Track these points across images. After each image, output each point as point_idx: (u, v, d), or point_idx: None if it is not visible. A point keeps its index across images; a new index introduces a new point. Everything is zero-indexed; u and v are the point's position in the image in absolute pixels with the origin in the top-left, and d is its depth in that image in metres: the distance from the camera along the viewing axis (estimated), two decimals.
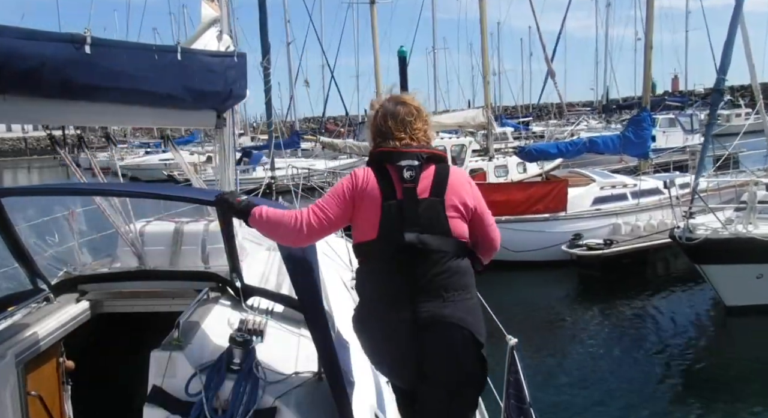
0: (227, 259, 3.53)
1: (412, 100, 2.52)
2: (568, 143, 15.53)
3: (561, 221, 12.86)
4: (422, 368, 2.31)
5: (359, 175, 2.37)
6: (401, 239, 2.26)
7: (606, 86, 45.67)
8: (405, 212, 2.28)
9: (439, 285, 2.28)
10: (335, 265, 5.05)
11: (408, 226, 2.27)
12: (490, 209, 2.65)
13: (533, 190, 13.41)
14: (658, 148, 22.88)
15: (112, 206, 4.09)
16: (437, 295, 2.28)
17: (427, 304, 2.26)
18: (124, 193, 3.73)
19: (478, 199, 2.46)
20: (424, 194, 2.31)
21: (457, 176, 2.41)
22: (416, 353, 2.29)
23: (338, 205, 2.32)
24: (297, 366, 2.81)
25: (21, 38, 2.58)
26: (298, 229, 2.27)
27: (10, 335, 2.96)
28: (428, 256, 2.28)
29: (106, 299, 3.60)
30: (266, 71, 7.94)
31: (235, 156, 5.62)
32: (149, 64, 3.33)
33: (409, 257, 2.27)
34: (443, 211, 2.32)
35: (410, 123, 2.43)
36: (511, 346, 2.98)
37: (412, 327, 2.26)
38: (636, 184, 13.79)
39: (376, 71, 22.39)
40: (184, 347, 2.68)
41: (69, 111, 3.12)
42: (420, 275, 2.28)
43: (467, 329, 2.30)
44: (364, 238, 2.35)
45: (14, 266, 3.41)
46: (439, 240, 2.30)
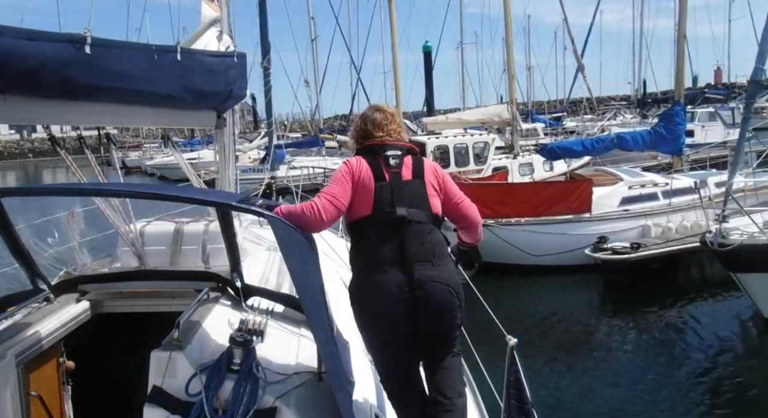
0: (227, 259, 3.53)
1: (388, 107, 3.07)
2: (594, 140, 14.66)
3: (585, 222, 12.05)
4: (416, 322, 2.66)
5: (353, 162, 2.78)
6: (393, 213, 2.68)
7: (643, 79, 43.78)
8: (394, 191, 2.71)
9: (428, 252, 2.70)
10: (335, 265, 5.05)
11: (398, 202, 2.70)
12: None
13: (555, 190, 12.68)
14: (695, 143, 21.23)
15: (112, 206, 4.09)
16: (426, 260, 2.68)
17: (419, 267, 2.65)
18: (124, 194, 3.73)
19: (445, 179, 2.90)
20: (407, 177, 2.77)
21: (429, 164, 2.90)
22: (411, 307, 2.64)
23: (344, 189, 2.70)
24: (297, 366, 2.81)
25: (21, 38, 2.58)
26: (318, 217, 2.60)
27: (10, 335, 2.96)
28: (414, 227, 2.69)
29: (107, 299, 3.60)
30: (266, 71, 7.93)
31: (235, 156, 5.62)
32: (149, 64, 3.33)
33: (399, 228, 2.68)
34: (425, 190, 2.78)
35: (386, 125, 2.92)
36: (510, 346, 2.98)
37: (408, 287, 2.63)
38: (668, 182, 12.85)
39: (395, 68, 21.43)
40: (184, 347, 2.68)
41: (69, 111, 3.13)
42: (410, 243, 2.68)
43: (452, 288, 2.71)
44: (360, 215, 2.72)
45: (14, 266, 3.41)
46: (423, 214, 2.74)
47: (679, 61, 14.87)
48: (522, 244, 11.65)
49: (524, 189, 13.51)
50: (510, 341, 3.00)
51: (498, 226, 11.68)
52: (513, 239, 11.68)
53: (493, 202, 11.88)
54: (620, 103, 47.19)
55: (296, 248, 2.60)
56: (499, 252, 11.55)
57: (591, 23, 27.31)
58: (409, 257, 2.66)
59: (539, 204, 12.00)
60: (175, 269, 3.90)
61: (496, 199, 12.10)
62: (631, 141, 13.81)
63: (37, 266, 3.41)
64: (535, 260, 11.52)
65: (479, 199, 12.50)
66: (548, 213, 11.95)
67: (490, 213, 11.58)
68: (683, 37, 14.60)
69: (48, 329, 3.15)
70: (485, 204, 11.52)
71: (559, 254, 11.67)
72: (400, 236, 2.67)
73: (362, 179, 2.72)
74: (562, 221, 11.96)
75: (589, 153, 15.02)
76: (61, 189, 3.80)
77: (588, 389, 7.40)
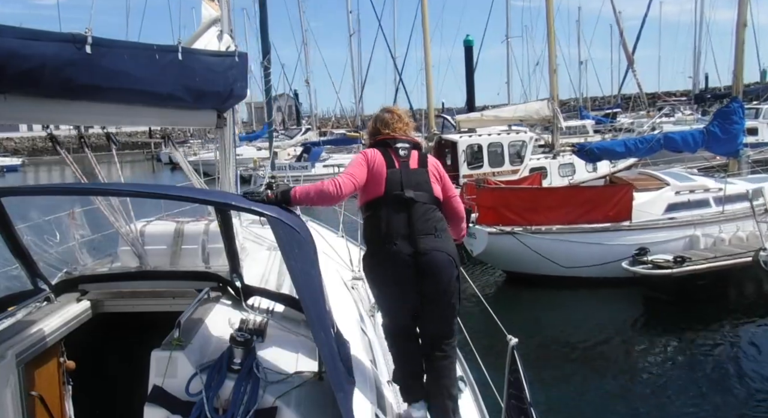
0: (227, 259, 3.53)
1: (397, 109, 3.57)
2: (639, 140, 13.10)
3: (624, 231, 10.78)
4: (420, 284, 3.10)
5: (368, 152, 3.30)
6: (402, 194, 3.15)
7: (705, 74, 41.34)
8: (403, 176, 3.19)
9: (431, 226, 3.15)
10: (335, 265, 5.05)
11: (406, 186, 3.17)
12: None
13: (590, 195, 11.52)
14: (760, 142, 19.61)
15: (113, 206, 4.09)
16: (429, 233, 3.13)
17: (424, 239, 3.11)
18: (124, 193, 3.73)
19: (442, 174, 3.38)
20: (413, 166, 3.26)
21: (431, 159, 3.40)
22: (415, 273, 3.08)
23: (361, 170, 3.19)
24: (297, 366, 2.81)
25: (22, 38, 2.58)
26: (338, 190, 3.08)
27: (10, 334, 2.96)
28: (420, 206, 3.16)
29: (107, 298, 3.60)
30: (266, 71, 7.92)
31: (235, 156, 5.62)
32: (150, 63, 3.33)
33: (407, 207, 3.14)
34: (428, 177, 3.27)
35: (392, 123, 3.40)
36: (511, 346, 2.98)
37: (414, 255, 3.08)
38: (721, 188, 11.32)
39: (426, 63, 20.27)
40: (184, 347, 2.68)
41: (70, 111, 3.13)
42: (416, 220, 3.13)
43: (451, 256, 3.16)
44: (374, 195, 3.19)
45: (15, 266, 3.41)
46: (426, 196, 3.21)
47: (738, 53, 13.13)
48: (553, 254, 10.74)
49: (556, 194, 12.42)
50: (510, 341, 3.00)
51: (526, 234, 10.83)
52: (543, 249, 10.77)
53: (521, 208, 11.14)
54: (679, 99, 43.17)
55: (296, 248, 2.61)
56: (528, 262, 10.94)
57: (645, 15, 25.80)
58: (416, 231, 3.11)
59: (573, 211, 10.93)
60: (175, 269, 3.90)
61: (525, 205, 11.24)
62: (680, 141, 12.49)
63: (37, 266, 3.41)
64: (567, 271, 10.54)
65: (506, 204, 11.53)
66: (583, 221, 10.85)
67: (518, 220, 10.95)
68: (743, 25, 12.91)
69: (48, 329, 3.15)
70: (513, 210, 11.07)
71: (593, 266, 10.53)
72: (407, 214, 3.13)
73: (376, 166, 3.20)
74: (598, 229, 10.79)
75: (633, 154, 13.52)
76: (61, 189, 3.80)
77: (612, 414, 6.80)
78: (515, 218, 10.92)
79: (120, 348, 3.54)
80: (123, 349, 3.46)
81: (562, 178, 16.95)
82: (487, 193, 11.65)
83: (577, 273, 10.60)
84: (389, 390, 3.37)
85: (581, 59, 51.73)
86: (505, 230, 10.78)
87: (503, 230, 10.80)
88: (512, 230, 10.74)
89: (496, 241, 10.84)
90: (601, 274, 10.51)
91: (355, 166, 3.21)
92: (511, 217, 10.97)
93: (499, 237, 10.82)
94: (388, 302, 3.29)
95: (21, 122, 3.61)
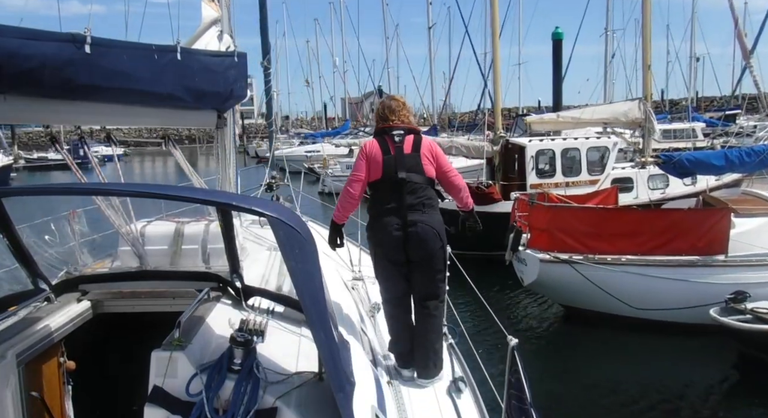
0: (227, 259, 3.53)
1: (401, 98, 4.02)
2: (746, 152, 10.33)
3: (716, 268, 8.53)
4: (407, 251, 3.65)
5: (366, 144, 3.80)
6: (396, 176, 3.65)
7: None
8: (397, 160, 3.67)
9: (419, 203, 3.66)
10: (335, 265, 5.05)
11: (400, 169, 3.66)
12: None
13: (675, 220, 9.15)
14: None
15: (113, 206, 4.09)
16: (417, 209, 3.65)
17: (412, 213, 3.64)
18: (124, 193, 3.72)
19: (437, 154, 3.82)
20: (407, 151, 3.71)
21: (426, 141, 3.82)
22: (404, 241, 3.64)
23: (361, 165, 3.74)
24: (298, 366, 2.80)
25: (21, 38, 2.58)
26: (353, 193, 3.74)
27: (11, 334, 2.96)
28: (411, 186, 3.65)
29: (107, 299, 3.60)
30: (266, 71, 7.90)
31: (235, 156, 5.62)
32: (149, 64, 3.33)
33: (400, 187, 3.65)
34: (420, 160, 3.70)
35: (398, 110, 3.85)
36: (511, 346, 2.97)
37: (403, 226, 3.63)
38: None
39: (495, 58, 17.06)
40: (184, 347, 2.68)
41: (69, 111, 3.12)
42: (407, 197, 3.64)
43: (434, 228, 3.67)
44: (374, 178, 3.72)
45: (15, 266, 3.40)
46: (418, 177, 3.67)
47: None
48: (621, 291, 8.83)
49: (629, 216, 9.79)
50: (511, 342, 2.99)
51: (587, 263, 8.93)
52: (608, 284, 8.84)
53: (583, 232, 9.17)
54: None
55: (296, 248, 2.60)
56: (588, 298, 9.17)
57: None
58: (405, 206, 3.63)
59: (650, 238, 8.81)
60: (175, 269, 3.90)
61: (587, 229, 9.24)
62: None
63: (37, 266, 3.41)
64: (639, 313, 8.72)
65: (564, 226, 9.57)
66: (662, 252, 8.74)
67: (577, 246, 9.08)
68: None
69: (49, 329, 3.15)
70: (572, 234, 9.18)
71: (672, 309, 8.48)
72: (401, 192, 3.65)
73: (373, 155, 3.70)
74: (682, 264, 8.62)
75: (736, 169, 10.93)
76: (61, 188, 3.80)
77: None
78: (574, 244, 9.11)
79: (120, 348, 3.54)
80: (123, 349, 3.46)
81: (653, 191, 13.84)
82: (541, 212, 9.61)
83: (651, 316, 8.72)
84: (389, 390, 3.36)
85: (694, 55, 47.02)
86: (560, 257, 9.04)
87: (558, 257, 9.05)
88: (570, 259, 8.99)
89: (549, 270, 9.16)
90: (684, 319, 8.41)
91: (356, 164, 3.77)
92: (569, 242, 9.15)
93: (554, 266, 9.10)
94: (383, 267, 3.77)
95: (21, 122, 3.61)
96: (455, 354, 4.05)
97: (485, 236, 5.48)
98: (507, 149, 15.37)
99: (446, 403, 3.49)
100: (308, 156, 31.96)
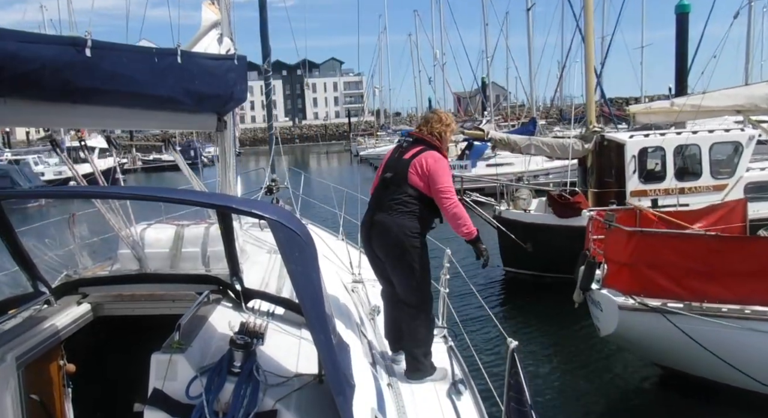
0: (227, 262, 3.53)
1: (441, 111, 4.22)
2: None
3: None
4: (372, 249, 3.94)
5: (390, 149, 4.16)
6: (383, 176, 3.91)
7: None
8: (391, 162, 3.93)
9: (389, 205, 3.80)
10: (335, 267, 5.05)
11: (388, 170, 3.89)
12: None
13: None
14: None
15: (113, 209, 4.09)
16: (384, 210, 3.81)
17: (379, 214, 3.83)
18: (124, 196, 3.73)
19: (430, 169, 3.80)
20: (405, 157, 3.87)
21: (424, 155, 3.86)
22: (366, 238, 3.95)
23: (381, 166, 4.03)
24: (297, 369, 2.81)
25: (22, 41, 2.58)
26: None
27: (10, 337, 2.96)
28: (390, 187, 3.83)
29: (107, 301, 3.60)
30: (266, 74, 7.91)
31: (235, 158, 5.62)
32: (149, 67, 3.33)
33: (384, 186, 3.87)
34: (408, 167, 3.82)
35: (430, 121, 4.04)
36: (511, 349, 2.98)
37: (369, 225, 3.89)
38: None
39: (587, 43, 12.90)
40: (184, 350, 2.68)
41: (69, 114, 3.13)
42: (382, 197, 3.84)
43: (392, 231, 3.77)
44: None
45: (15, 268, 3.41)
46: (400, 181, 3.80)
47: None
48: (741, 355, 6.23)
49: (754, 247, 6.64)
50: (510, 344, 3.00)
51: (690, 314, 6.23)
52: (722, 345, 6.22)
53: (685, 270, 6.41)
54: None
55: (296, 251, 2.60)
56: (693, 361, 6.67)
57: None
58: (376, 206, 3.86)
59: (762, 279, 6.18)
60: (175, 272, 3.90)
61: (693, 265, 6.41)
62: None
63: (37, 269, 3.41)
64: (754, 385, 6.25)
65: (654, 260, 6.37)
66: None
67: (674, 289, 6.41)
68: None
69: (48, 332, 3.15)
70: (667, 272, 6.47)
71: None
72: (380, 191, 3.87)
73: (387, 156, 4.03)
74: None
75: None
76: (60, 192, 3.80)
77: None
78: (671, 286, 6.41)
79: (120, 351, 3.54)
80: (123, 352, 3.46)
81: None
82: (622, 238, 6.77)
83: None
84: (389, 392, 3.37)
85: None
86: (649, 304, 6.36)
87: (646, 304, 6.36)
88: (663, 306, 6.31)
89: (633, 320, 6.54)
90: None
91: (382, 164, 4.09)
92: (662, 283, 6.45)
93: (639, 315, 6.45)
94: (370, 263, 4.12)
95: (20, 126, 3.63)
96: (455, 356, 4.05)
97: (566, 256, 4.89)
98: (602, 147, 12.08)
99: (446, 405, 3.49)
100: None
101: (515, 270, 12.07)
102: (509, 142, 12.62)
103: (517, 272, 12.05)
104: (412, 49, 59.15)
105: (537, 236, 11.25)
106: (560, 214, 11.08)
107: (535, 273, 11.62)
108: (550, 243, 10.85)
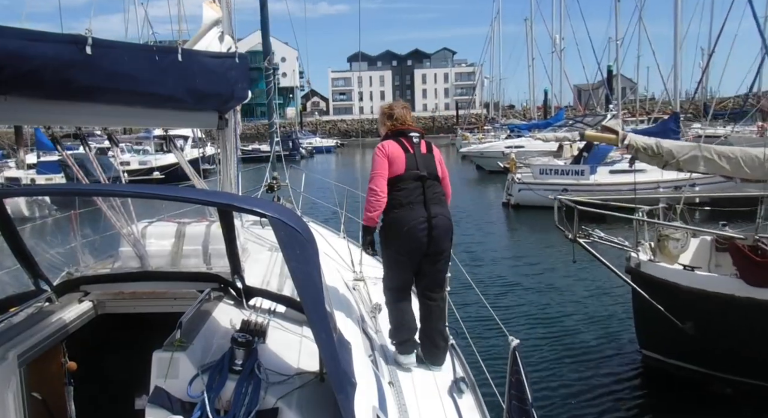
0: (229, 260, 3.53)
1: (404, 104, 4.42)
2: None
3: None
4: (429, 241, 3.93)
5: (384, 144, 4.07)
6: (419, 172, 4.01)
7: None
8: (417, 158, 4.05)
9: (438, 197, 4.05)
10: (336, 265, 5.05)
11: (420, 166, 4.03)
12: None
13: None
14: None
15: (114, 207, 4.09)
16: (437, 202, 4.02)
17: (434, 206, 3.98)
18: (125, 194, 3.73)
19: (441, 159, 4.23)
20: (423, 152, 4.10)
21: (434, 146, 4.23)
22: (428, 230, 3.92)
23: (383, 164, 4.01)
24: (299, 367, 2.81)
25: (22, 39, 2.58)
26: (380, 194, 3.97)
27: (12, 335, 2.96)
28: (430, 182, 4.03)
29: (109, 299, 3.60)
30: (267, 72, 7.90)
31: (237, 156, 5.62)
32: (150, 65, 3.33)
33: (422, 182, 4.00)
34: (434, 161, 4.13)
35: (408, 115, 4.23)
36: (513, 347, 2.97)
37: (427, 217, 3.94)
38: None
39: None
40: (186, 348, 2.68)
41: (70, 112, 3.13)
42: (428, 191, 4.01)
43: (450, 220, 4.07)
44: (396, 173, 4.00)
45: (16, 266, 3.41)
46: (434, 174, 4.08)
47: None
48: None
49: None
50: (512, 342, 2.99)
51: None
52: None
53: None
54: None
55: (297, 249, 2.60)
56: None
57: None
58: (428, 200, 3.99)
59: None
60: (177, 270, 3.90)
61: None
62: None
63: (39, 267, 3.41)
64: None
65: None
66: None
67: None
68: None
69: (50, 330, 3.15)
70: None
71: None
72: (422, 187, 4.00)
73: (392, 153, 4.02)
74: None
75: None
76: (62, 190, 3.80)
77: None
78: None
79: (121, 349, 3.54)
80: (124, 350, 3.46)
81: None
82: None
83: None
84: (390, 391, 3.36)
85: None
86: None
87: None
88: None
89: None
90: None
91: (378, 164, 4.03)
92: None
93: None
94: (396, 258, 4.02)
95: (21, 124, 3.63)
96: (457, 354, 4.06)
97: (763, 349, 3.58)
98: None
99: (447, 403, 3.49)
100: (503, 153, 27.44)
101: (661, 358, 7.41)
102: (660, 152, 7.48)
103: (663, 362, 7.38)
104: (527, 34, 51.62)
105: (706, 309, 6.52)
106: (755, 279, 6.18)
107: (698, 369, 6.99)
108: (730, 324, 6.43)
